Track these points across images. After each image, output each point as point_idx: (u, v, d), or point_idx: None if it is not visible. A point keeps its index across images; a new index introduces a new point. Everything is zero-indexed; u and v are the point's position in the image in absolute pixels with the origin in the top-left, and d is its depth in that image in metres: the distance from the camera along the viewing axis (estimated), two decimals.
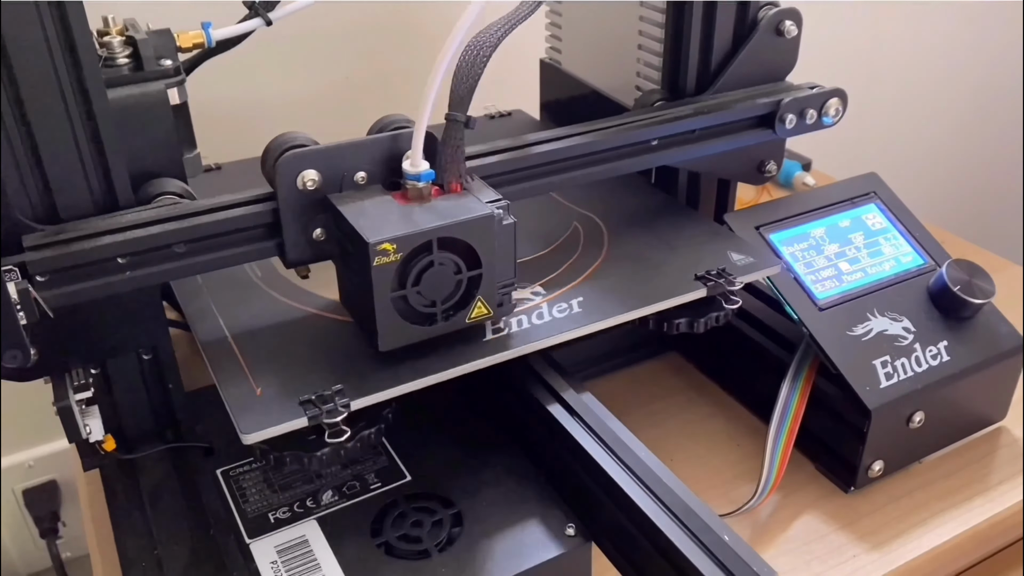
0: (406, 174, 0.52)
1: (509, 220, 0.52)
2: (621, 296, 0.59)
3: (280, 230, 0.53)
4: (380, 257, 0.48)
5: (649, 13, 0.70)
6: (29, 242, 0.48)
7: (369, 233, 0.48)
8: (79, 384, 0.54)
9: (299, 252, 0.54)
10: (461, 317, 0.53)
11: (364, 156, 0.53)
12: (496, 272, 0.53)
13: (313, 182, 0.52)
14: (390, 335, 0.51)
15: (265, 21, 0.59)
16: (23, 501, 1.06)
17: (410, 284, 0.50)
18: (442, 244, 0.50)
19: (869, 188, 0.73)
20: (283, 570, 0.52)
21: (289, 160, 0.51)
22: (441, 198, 0.52)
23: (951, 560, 0.63)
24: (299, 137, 0.52)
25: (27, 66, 0.46)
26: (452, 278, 0.51)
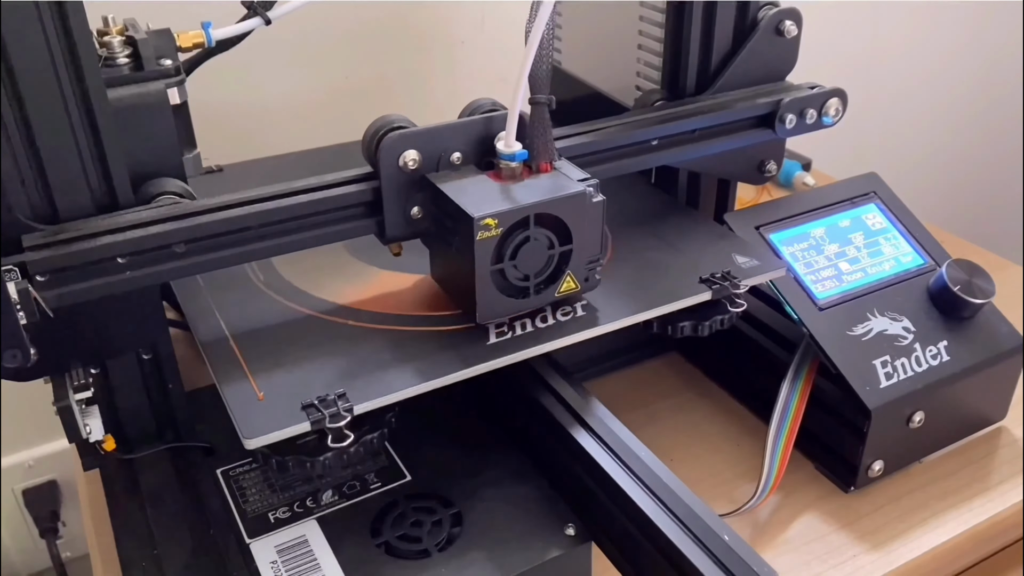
0: (500, 154, 0.55)
1: (599, 198, 0.55)
2: (626, 299, 0.59)
3: (381, 208, 0.55)
4: (483, 232, 0.51)
5: (649, 13, 0.70)
6: (29, 242, 0.48)
7: (473, 209, 0.51)
8: (79, 384, 0.54)
9: (397, 229, 0.56)
10: (551, 291, 0.56)
11: (460, 137, 0.56)
12: (585, 248, 0.56)
13: (414, 162, 0.54)
14: (487, 307, 0.54)
15: (264, 20, 0.60)
16: (23, 501, 1.06)
17: (507, 258, 0.53)
18: (538, 220, 0.53)
19: (869, 188, 0.73)
20: (283, 570, 0.52)
21: (393, 140, 0.53)
22: (532, 177, 0.55)
23: (951, 560, 0.62)
24: (398, 119, 0.55)
25: (27, 66, 0.46)
26: (545, 253, 0.55)
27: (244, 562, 0.53)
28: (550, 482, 0.57)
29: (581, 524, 0.54)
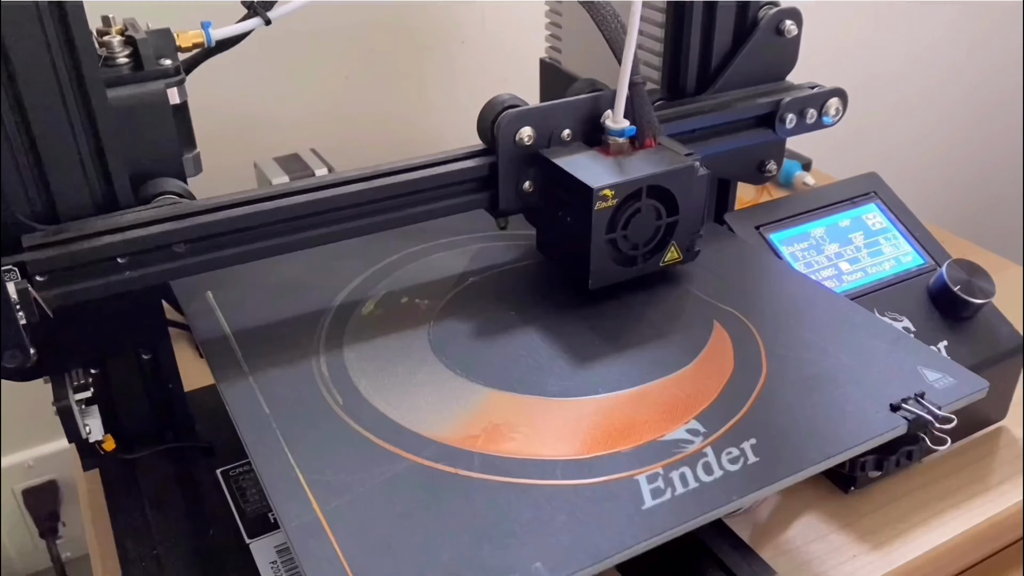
0: (609, 130, 0.57)
1: (703, 171, 0.57)
2: (802, 436, 0.48)
3: (496, 182, 0.57)
4: (600, 202, 0.53)
5: (649, 13, 0.70)
6: (29, 242, 0.48)
7: (591, 180, 0.53)
8: (79, 384, 0.54)
9: (509, 203, 0.58)
10: (656, 260, 0.58)
11: (571, 115, 0.58)
12: (689, 220, 0.58)
13: (530, 138, 0.57)
14: (600, 274, 0.56)
15: (264, 20, 0.59)
16: (23, 501, 1.06)
17: (620, 228, 0.55)
18: (649, 192, 0.55)
19: (869, 188, 0.73)
20: (283, 570, 0.52)
21: (510, 118, 0.56)
22: (639, 153, 0.57)
23: (951, 560, 0.62)
24: (510, 98, 0.57)
25: (27, 66, 0.46)
26: (653, 224, 0.57)
27: (244, 562, 0.53)
28: None
29: None
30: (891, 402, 0.49)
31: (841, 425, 0.48)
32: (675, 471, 0.45)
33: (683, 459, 0.46)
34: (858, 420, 0.48)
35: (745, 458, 0.46)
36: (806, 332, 0.56)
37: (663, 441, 0.47)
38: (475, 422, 0.49)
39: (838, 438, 0.47)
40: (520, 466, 0.46)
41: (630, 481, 0.45)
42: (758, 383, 0.51)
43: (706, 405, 0.50)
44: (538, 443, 0.47)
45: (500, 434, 0.48)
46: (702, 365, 0.53)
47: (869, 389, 0.50)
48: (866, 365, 0.52)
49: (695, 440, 0.47)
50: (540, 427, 0.48)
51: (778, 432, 0.48)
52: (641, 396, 0.51)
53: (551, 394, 0.51)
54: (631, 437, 0.47)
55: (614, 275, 0.57)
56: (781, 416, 0.49)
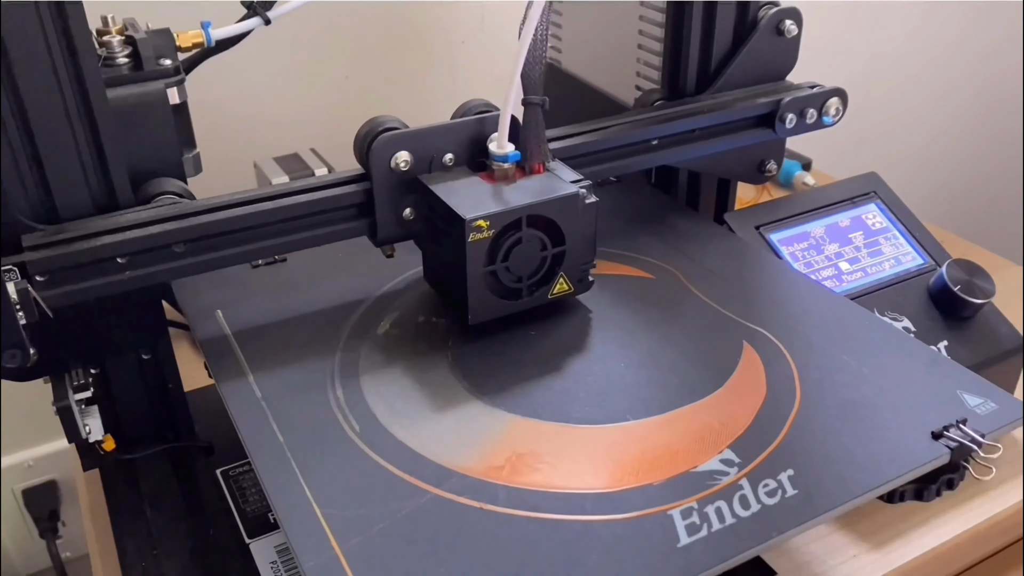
0: (493, 155, 0.55)
1: (592, 199, 0.54)
2: (841, 465, 0.45)
3: (373, 210, 0.55)
4: (474, 233, 0.50)
5: (649, 12, 0.70)
6: (28, 242, 0.48)
7: (464, 210, 0.51)
8: (79, 384, 0.54)
9: (389, 230, 0.56)
10: (544, 292, 0.55)
11: (452, 138, 0.56)
12: (578, 250, 0.55)
13: (406, 163, 0.54)
14: (479, 309, 0.53)
15: (264, 20, 0.59)
16: (23, 501, 1.06)
17: (499, 260, 0.53)
18: (530, 222, 0.52)
19: (869, 188, 0.73)
20: (283, 570, 0.52)
21: (384, 142, 0.53)
22: (525, 179, 0.55)
23: (951, 560, 0.62)
24: (390, 120, 0.55)
25: (27, 66, 0.46)
26: (538, 255, 0.54)
27: (244, 562, 0.53)
28: None
29: None
30: (932, 429, 0.47)
31: (881, 454, 0.46)
32: (710, 505, 0.43)
33: (718, 491, 0.43)
34: (899, 449, 0.46)
35: (783, 491, 0.44)
36: (839, 353, 0.53)
37: (696, 472, 0.45)
38: (498, 451, 0.47)
39: (879, 468, 0.45)
40: (548, 500, 0.43)
41: (663, 516, 0.42)
42: (793, 409, 0.49)
43: (740, 433, 0.47)
44: (565, 474, 0.45)
45: (525, 464, 0.46)
46: (733, 389, 0.51)
47: (908, 415, 0.48)
48: (904, 389, 0.50)
49: (730, 471, 0.45)
50: (566, 457, 0.46)
51: (816, 462, 0.45)
52: (671, 423, 0.48)
53: (576, 421, 0.49)
54: (662, 468, 0.45)
55: (497, 309, 0.54)
56: (818, 445, 0.46)
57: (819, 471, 0.45)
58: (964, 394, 0.49)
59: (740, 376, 0.52)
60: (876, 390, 0.50)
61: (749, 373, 0.52)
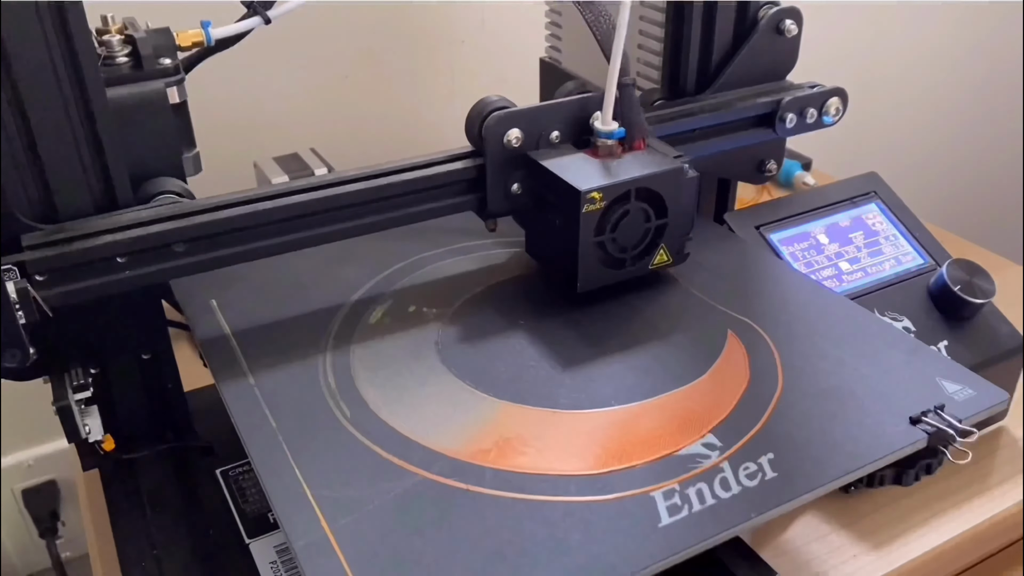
0: (598, 132, 0.57)
1: (693, 174, 0.57)
2: (820, 448, 0.46)
3: (483, 185, 0.57)
4: (588, 205, 0.53)
5: (649, 12, 0.70)
6: (28, 241, 0.48)
7: (579, 183, 0.53)
8: (78, 384, 0.53)
9: (498, 205, 0.58)
10: (646, 263, 0.58)
11: (559, 117, 0.58)
12: (679, 222, 0.57)
13: (517, 140, 0.56)
14: (588, 277, 0.56)
15: (263, 20, 0.59)
16: (22, 501, 1.06)
17: (608, 231, 0.55)
18: (637, 194, 0.55)
19: (869, 188, 0.73)
20: (283, 570, 0.52)
21: (498, 120, 0.56)
22: (629, 154, 0.57)
23: (951, 560, 0.62)
24: (498, 100, 0.57)
25: (26, 65, 0.46)
26: (642, 226, 0.56)
27: (243, 562, 0.53)
28: None
29: None
30: (910, 415, 0.48)
31: (860, 438, 0.47)
32: (692, 487, 0.44)
33: (700, 474, 0.44)
34: (877, 433, 0.47)
35: (763, 473, 0.45)
36: (822, 342, 0.54)
37: (679, 456, 0.46)
38: (486, 436, 0.47)
39: (857, 452, 0.46)
40: (533, 482, 0.44)
41: (646, 498, 0.43)
42: (774, 395, 0.50)
43: (722, 418, 0.48)
44: (551, 458, 0.46)
45: (512, 448, 0.47)
46: (716, 376, 0.52)
47: (888, 401, 0.49)
48: (884, 376, 0.51)
49: (711, 455, 0.46)
50: (552, 441, 0.47)
51: (796, 446, 0.46)
52: (655, 408, 0.49)
53: (563, 406, 0.50)
54: (646, 451, 0.46)
55: (603, 278, 0.57)
56: (799, 429, 0.47)
57: (799, 454, 0.46)
58: (943, 381, 0.50)
59: (723, 363, 0.53)
60: (856, 377, 0.51)
61: (732, 360, 0.53)
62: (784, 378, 0.51)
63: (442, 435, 0.47)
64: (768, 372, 0.52)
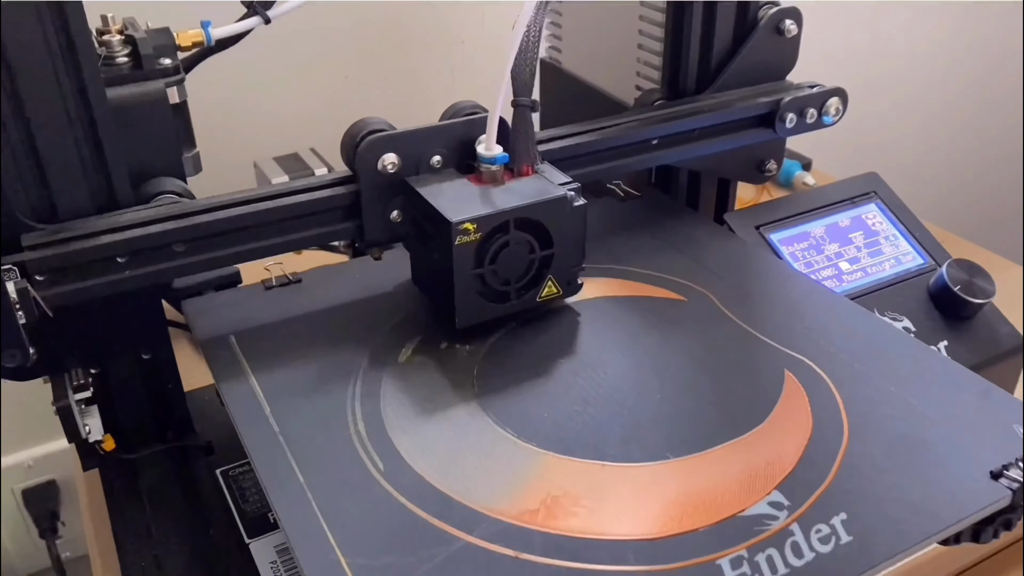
0: (481, 157, 0.54)
1: (580, 202, 0.54)
2: (897, 508, 0.42)
3: (360, 212, 0.54)
4: (461, 236, 0.50)
5: (649, 12, 0.70)
6: (28, 241, 0.48)
7: (451, 213, 0.50)
8: (78, 384, 0.53)
9: (377, 233, 0.55)
10: (532, 295, 0.55)
11: (440, 140, 0.55)
12: (567, 253, 0.54)
13: (393, 165, 0.54)
14: (467, 312, 0.53)
15: (263, 20, 0.59)
16: (22, 501, 1.06)
17: (487, 263, 0.52)
18: (518, 224, 0.52)
19: (869, 188, 0.73)
20: (283, 570, 0.52)
21: (372, 144, 0.53)
22: (514, 181, 0.54)
23: (951, 560, 0.62)
24: (377, 122, 0.54)
25: (26, 65, 0.46)
26: (526, 258, 0.53)
27: (243, 562, 0.53)
28: None
29: None
30: (991, 468, 0.44)
31: (938, 496, 0.43)
32: (761, 553, 0.40)
33: (768, 538, 0.41)
34: (957, 490, 0.43)
35: (837, 537, 0.41)
36: (885, 383, 0.50)
37: (744, 516, 0.42)
38: (532, 493, 0.43)
39: (937, 511, 0.42)
40: (587, 548, 0.40)
41: (711, 566, 0.39)
42: (841, 445, 0.46)
43: (787, 472, 0.44)
44: (604, 519, 0.42)
45: (561, 508, 0.43)
46: (777, 423, 0.47)
47: (964, 452, 0.45)
48: (956, 422, 0.47)
49: (779, 515, 0.42)
50: (604, 499, 0.43)
51: (869, 504, 0.42)
52: (714, 461, 0.45)
53: (613, 459, 0.45)
54: (708, 512, 0.42)
55: (485, 312, 0.53)
56: (870, 485, 0.43)
57: (873, 515, 0.42)
58: (1020, 428, 0.46)
59: (783, 409, 0.48)
60: (927, 424, 0.47)
61: (793, 406, 0.49)
62: (850, 426, 0.47)
63: (484, 492, 0.43)
64: (832, 419, 0.47)
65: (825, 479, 0.44)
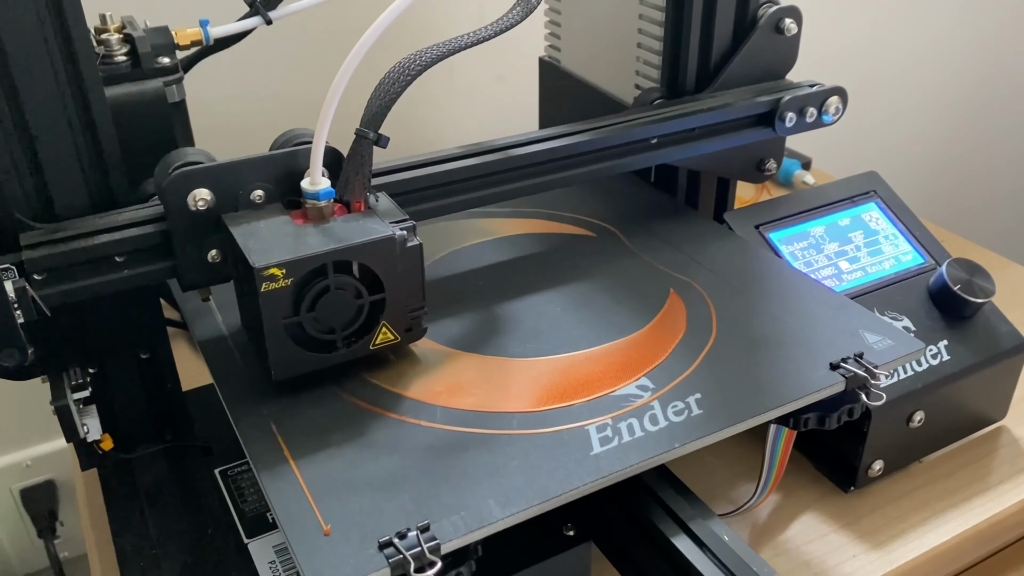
0: (304, 192, 0.49)
1: (414, 242, 0.49)
2: (746, 391, 0.50)
3: (172, 252, 0.50)
4: (268, 283, 0.46)
5: (649, 11, 0.70)
6: (26, 240, 0.48)
7: (256, 257, 0.46)
8: (77, 383, 0.53)
9: (194, 275, 0.51)
10: (365, 343, 0.50)
11: (261, 173, 0.50)
12: (402, 296, 0.50)
13: (204, 202, 0.49)
14: (283, 363, 0.48)
15: (265, 20, 0.59)
16: (21, 500, 1.05)
17: (304, 310, 0.47)
18: (339, 268, 0.47)
19: (869, 187, 0.73)
20: (281, 570, 0.52)
21: (178, 179, 0.48)
22: (343, 218, 0.50)
23: (951, 560, 0.62)
24: (193, 152, 0.50)
25: (24, 64, 0.46)
26: (353, 303, 0.49)
27: (242, 562, 0.53)
28: None
29: (580, 524, 0.54)
30: (831, 361, 0.52)
31: (783, 382, 0.51)
32: (623, 422, 0.48)
33: (631, 411, 0.49)
34: (799, 378, 0.51)
35: (689, 411, 0.49)
36: (756, 299, 0.59)
37: (614, 395, 0.50)
38: (440, 380, 0.52)
39: (778, 394, 0.50)
40: (479, 418, 0.49)
41: (581, 430, 0.48)
42: (707, 344, 0.54)
43: (657, 363, 0.53)
44: (497, 398, 0.50)
45: (462, 390, 0.51)
46: (656, 328, 0.56)
47: (811, 350, 0.53)
48: (810, 328, 0.55)
49: (644, 395, 0.50)
50: (499, 385, 0.51)
51: (722, 388, 0.51)
52: (596, 356, 0.54)
53: (511, 355, 0.54)
54: (584, 392, 0.51)
55: (305, 363, 0.49)
56: (726, 374, 0.52)
57: (724, 395, 0.50)
58: (865, 333, 0.55)
59: (663, 318, 0.57)
60: (785, 329, 0.55)
61: (672, 315, 0.58)
62: (718, 330, 0.56)
63: (405, 381, 0.52)
64: (704, 325, 0.56)
65: (688, 369, 0.52)
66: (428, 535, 0.41)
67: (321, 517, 0.42)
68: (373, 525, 0.42)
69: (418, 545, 0.40)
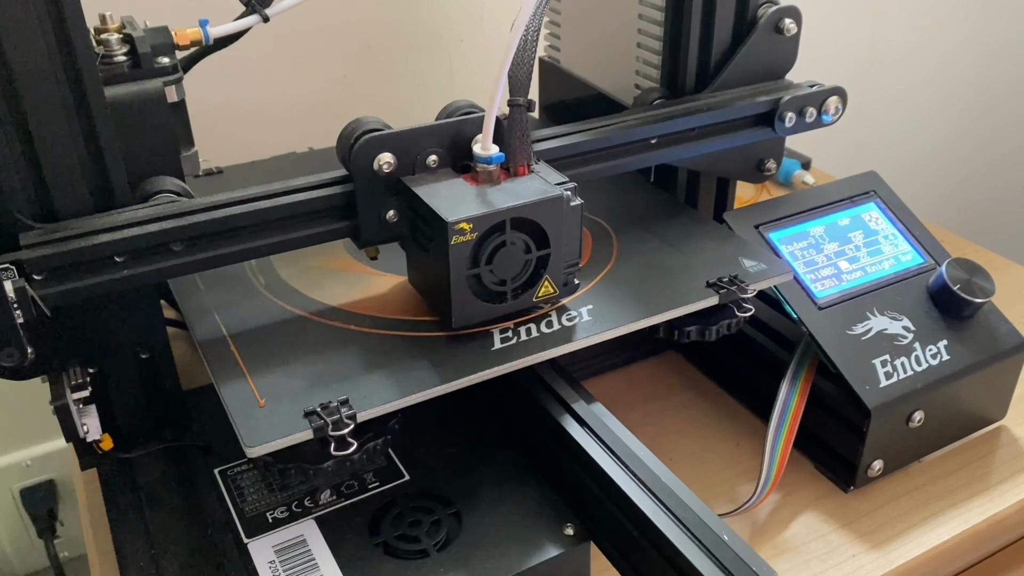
0: (477, 157, 0.54)
1: (577, 202, 0.54)
2: (631, 304, 0.58)
3: (355, 212, 0.54)
4: (457, 236, 0.50)
5: (648, 11, 0.70)
6: (26, 240, 0.48)
7: (447, 213, 0.50)
8: (76, 383, 0.53)
9: (372, 233, 0.56)
10: (529, 296, 0.55)
11: (435, 140, 0.55)
12: (563, 252, 0.55)
13: (388, 164, 0.54)
14: (463, 312, 0.54)
15: (262, 18, 0.59)
16: (20, 500, 1.06)
17: (483, 263, 0.52)
18: (514, 224, 0.52)
19: (868, 187, 0.73)
20: (281, 570, 0.52)
21: (366, 144, 0.53)
22: (509, 180, 0.55)
23: (951, 560, 0.62)
24: (373, 121, 0.54)
25: (24, 64, 0.46)
26: (522, 257, 0.54)
27: (242, 562, 0.53)
28: (550, 482, 0.57)
29: (580, 523, 0.54)
30: (708, 280, 0.60)
31: (665, 297, 0.59)
32: (523, 327, 0.56)
33: (531, 319, 0.57)
34: (679, 295, 0.59)
35: (580, 317, 0.57)
36: (654, 235, 0.66)
37: None
38: (370, 294, 0.60)
39: (659, 305, 0.58)
40: (397, 324, 0.57)
41: (485, 333, 0.55)
42: (606, 268, 0.62)
43: None
44: (415, 310, 0.58)
45: (386, 301, 0.59)
46: None
47: (696, 273, 0.61)
48: (698, 257, 0.63)
49: (543, 307, 0.57)
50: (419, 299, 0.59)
51: (611, 301, 0.58)
52: None
53: None
54: None
55: (480, 313, 0.54)
56: (617, 291, 0.60)
57: (611, 306, 0.58)
58: (743, 260, 0.62)
59: None
60: (675, 256, 0.63)
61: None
62: (617, 258, 0.64)
63: (335, 294, 0.60)
64: (605, 254, 0.64)
65: (585, 287, 0.60)
66: (347, 408, 0.48)
67: (257, 392, 0.50)
68: (303, 400, 0.49)
69: (337, 414, 0.48)
